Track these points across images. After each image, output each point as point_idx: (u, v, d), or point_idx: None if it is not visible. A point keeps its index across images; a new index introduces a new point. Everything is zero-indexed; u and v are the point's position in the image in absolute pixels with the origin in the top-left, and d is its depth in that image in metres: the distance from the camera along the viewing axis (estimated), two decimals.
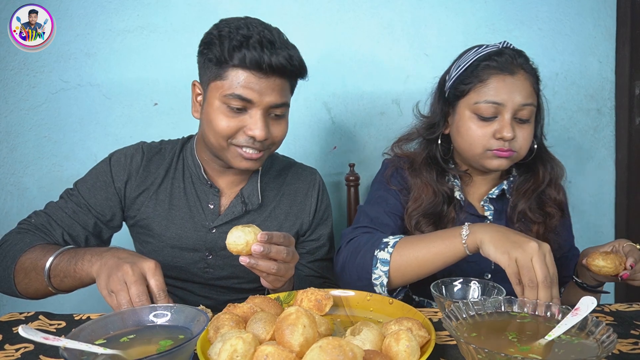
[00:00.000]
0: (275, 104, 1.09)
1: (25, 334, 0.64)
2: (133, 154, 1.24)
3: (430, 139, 1.26)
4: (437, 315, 0.94)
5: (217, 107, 1.09)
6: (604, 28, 1.80)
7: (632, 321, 0.90)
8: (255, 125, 1.07)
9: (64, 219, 1.16)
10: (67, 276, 0.98)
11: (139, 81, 1.73)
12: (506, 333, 0.75)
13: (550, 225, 1.22)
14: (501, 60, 1.14)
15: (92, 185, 1.21)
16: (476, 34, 1.76)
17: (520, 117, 1.14)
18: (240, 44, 1.03)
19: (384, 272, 1.05)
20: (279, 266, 0.92)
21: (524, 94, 1.12)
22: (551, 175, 1.24)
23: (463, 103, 1.18)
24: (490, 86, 1.13)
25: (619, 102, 1.85)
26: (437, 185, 1.22)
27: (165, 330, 0.75)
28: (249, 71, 1.05)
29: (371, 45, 1.76)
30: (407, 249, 1.04)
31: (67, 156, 1.75)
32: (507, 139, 1.11)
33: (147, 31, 1.72)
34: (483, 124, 1.14)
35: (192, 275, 1.23)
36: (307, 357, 0.59)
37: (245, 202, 1.22)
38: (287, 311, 0.68)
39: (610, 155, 1.88)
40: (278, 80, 1.08)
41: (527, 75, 1.15)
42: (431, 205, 1.20)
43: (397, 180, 1.27)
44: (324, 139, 1.80)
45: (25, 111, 1.73)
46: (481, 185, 1.28)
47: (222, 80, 1.07)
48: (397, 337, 0.68)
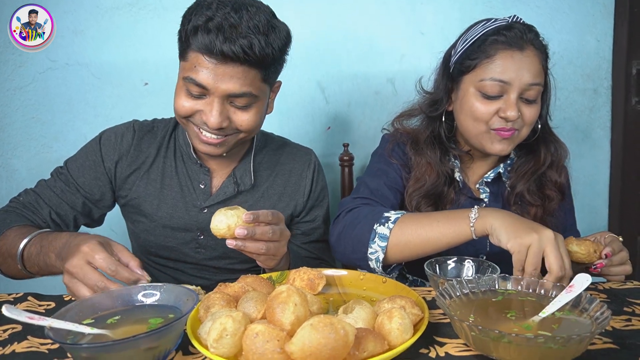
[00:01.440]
0: (234, 93, 1.02)
1: (9, 313, 0.63)
2: (124, 132, 1.22)
3: (434, 116, 1.22)
4: (431, 294, 0.94)
5: (180, 87, 1.06)
6: (602, 6, 1.78)
7: (625, 298, 0.90)
8: (209, 113, 1.03)
9: (52, 198, 1.15)
10: (41, 269, 0.97)
11: (129, 60, 1.69)
12: (500, 311, 0.74)
13: (548, 209, 1.19)
14: (510, 35, 1.08)
15: (82, 164, 1.19)
16: (472, 11, 1.73)
17: (527, 97, 1.09)
18: (199, 27, 0.98)
19: (381, 247, 1.02)
20: (268, 245, 0.90)
21: (532, 72, 1.07)
22: (553, 157, 1.20)
23: (468, 79, 1.13)
24: (497, 62, 1.07)
25: (615, 82, 1.83)
26: (441, 166, 1.18)
27: (154, 309, 0.74)
28: (204, 56, 0.99)
29: (366, 24, 1.73)
30: (410, 227, 1.01)
31: (56, 137, 1.72)
32: (511, 119, 1.07)
33: (136, 8, 1.67)
34: (487, 102, 1.09)
35: (184, 255, 1.22)
36: (298, 335, 0.58)
37: (238, 183, 1.21)
38: (278, 289, 0.67)
39: (606, 136, 1.87)
40: (238, 67, 1.00)
41: (537, 52, 1.09)
42: (433, 187, 1.17)
43: (399, 155, 1.23)
44: (317, 119, 1.78)
45: (12, 91, 1.69)
46: (480, 167, 1.25)
47: (184, 61, 1.05)
48: (390, 315, 0.67)
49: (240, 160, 1.23)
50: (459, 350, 0.71)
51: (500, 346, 0.63)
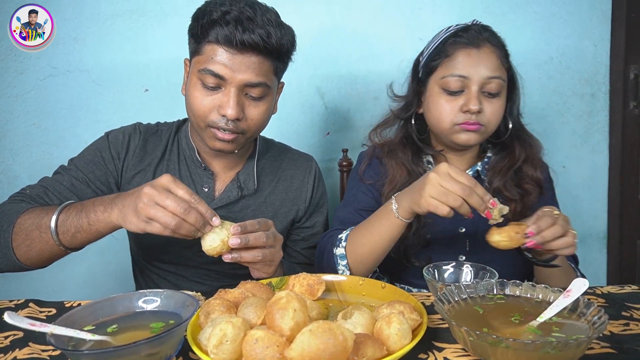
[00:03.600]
0: (250, 83, 1.06)
1: (11, 320, 0.63)
2: (131, 132, 1.23)
3: (406, 117, 1.29)
4: (430, 299, 0.94)
5: (194, 84, 1.08)
6: (600, 11, 1.79)
7: (623, 303, 0.91)
8: (227, 104, 1.05)
9: (62, 190, 1.12)
10: (79, 231, 0.95)
11: (129, 66, 1.71)
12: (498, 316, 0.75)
13: (527, 203, 1.22)
14: (467, 35, 1.17)
15: (90, 160, 1.18)
16: (471, 16, 1.70)
17: (489, 91, 1.15)
18: (216, 20, 1.02)
19: (344, 266, 1.11)
20: (264, 252, 0.93)
21: (490, 66, 1.14)
22: (527, 153, 1.24)
23: (432, 79, 1.20)
24: (457, 60, 1.15)
25: (613, 86, 1.84)
26: (412, 165, 1.24)
27: (155, 316, 0.74)
28: (222, 47, 1.04)
29: (365, 29, 1.74)
30: (356, 239, 1.10)
31: (56, 143, 1.73)
32: (473, 111, 1.13)
33: (137, 15, 1.69)
34: (451, 98, 1.16)
35: (186, 259, 1.22)
36: (298, 341, 0.58)
37: (242, 187, 1.21)
38: (277, 295, 0.67)
39: (604, 140, 1.88)
40: (254, 58, 1.05)
41: (494, 49, 1.16)
42: (405, 186, 1.20)
43: (371, 173, 1.29)
44: (317, 124, 1.79)
45: (13, 98, 1.70)
46: (457, 166, 1.27)
47: (199, 55, 1.07)
48: (389, 321, 0.68)
49: (243, 164, 1.24)
50: (457, 355, 0.71)
51: (499, 351, 0.64)
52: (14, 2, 1.58)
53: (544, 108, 1.82)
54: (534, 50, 1.78)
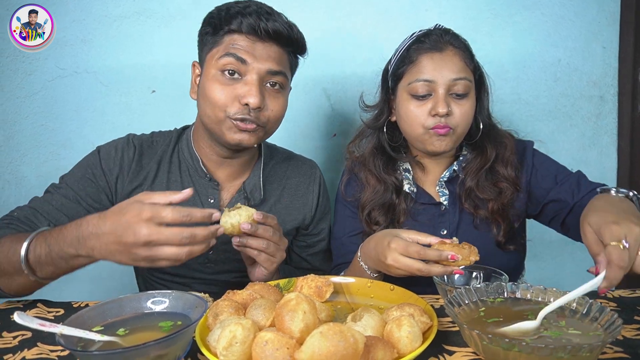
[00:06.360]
0: (272, 70, 1.07)
1: (21, 320, 0.63)
2: (124, 147, 1.17)
3: (376, 126, 1.29)
4: (439, 302, 0.93)
5: (213, 76, 1.07)
6: (608, 13, 1.77)
7: (635, 307, 0.90)
8: (249, 92, 1.04)
9: (51, 211, 1.07)
10: (57, 268, 0.89)
11: (136, 68, 1.71)
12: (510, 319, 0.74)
13: (503, 201, 1.21)
14: (429, 40, 1.18)
15: (81, 177, 1.13)
16: (477, 19, 1.73)
17: (456, 92, 1.15)
18: (237, 12, 1.05)
19: None
20: (268, 243, 0.96)
21: (454, 69, 1.14)
22: (497, 151, 1.24)
23: (401, 86, 1.21)
24: (421, 65, 1.16)
25: (622, 89, 1.82)
26: (382, 174, 1.25)
27: (163, 317, 0.74)
28: (244, 35, 1.05)
29: (370, 31, 1.73)
30: None
31: (64, 144, 1.73)
32: (441, 114, 1.13)
33: (144, 17, 1.69)
34: (419, 103, 1.16)
35: (192, 270, 1.20)
36: (308, 343, 0.58)
37: (248, 197, 1.19)
38: (287, 297, 0.67)
39: (613, 143, 1.86)
40: (275, 47, 1.07)
41: (457, 51, 1.17)
42: (378, 196, 1.24)
43: (351, 190, 1.30)
44: (323, 126, 1.78)
45: (21, 99, 1.70)
46: (434, 170, 1.29)
47: (218, 46, 1.07)
48: (399, 323, 0.67)
49: (249, 173, 1.22)
50: (468, 359, 0.70)
51: (511, 355, 0.63)
52: (13, 2, 1.58)
53: (552, 110, 1.81)
54: (542, 52, 1.76)
